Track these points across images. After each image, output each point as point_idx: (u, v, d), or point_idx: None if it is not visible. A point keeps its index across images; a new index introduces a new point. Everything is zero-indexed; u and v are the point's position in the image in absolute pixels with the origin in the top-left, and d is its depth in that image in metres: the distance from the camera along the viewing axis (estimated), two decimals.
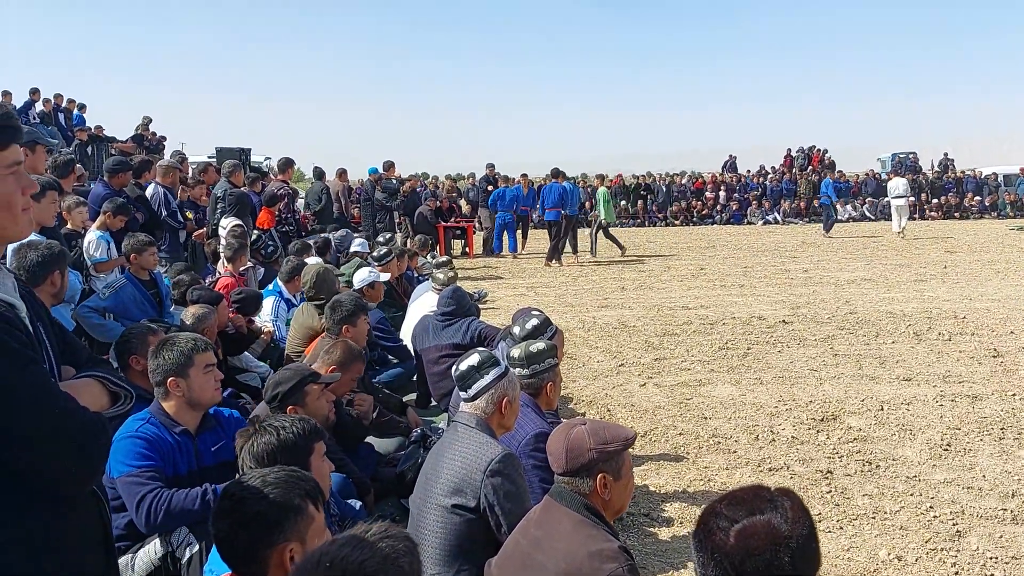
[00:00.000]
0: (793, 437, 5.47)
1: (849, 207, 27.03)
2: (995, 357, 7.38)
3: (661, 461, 5.15)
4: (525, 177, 18.53)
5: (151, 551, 2.85)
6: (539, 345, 3.70)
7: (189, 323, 4.73)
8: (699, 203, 27.49)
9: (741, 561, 1.62)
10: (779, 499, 1.70)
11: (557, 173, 16.24)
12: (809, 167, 29.24)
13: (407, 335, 6.38)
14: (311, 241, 8.88)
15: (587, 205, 25.02)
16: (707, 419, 5.91)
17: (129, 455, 2.85)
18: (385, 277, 6.92)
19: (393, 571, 1.57)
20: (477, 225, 19.06)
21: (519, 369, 3.57)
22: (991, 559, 3.78)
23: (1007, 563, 3.75)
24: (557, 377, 3.75)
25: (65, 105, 17.83)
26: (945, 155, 32.49)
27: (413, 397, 6.11)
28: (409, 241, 14.52)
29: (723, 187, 28.08)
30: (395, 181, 16.10)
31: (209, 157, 17.75)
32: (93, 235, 6.24)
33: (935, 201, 27.73)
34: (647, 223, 26.63)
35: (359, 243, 9.31)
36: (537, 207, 16.15)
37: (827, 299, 10.77)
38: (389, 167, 15.90)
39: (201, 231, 8.76)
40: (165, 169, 8.46)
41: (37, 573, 1.65)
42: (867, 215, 27.20)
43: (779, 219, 26.17)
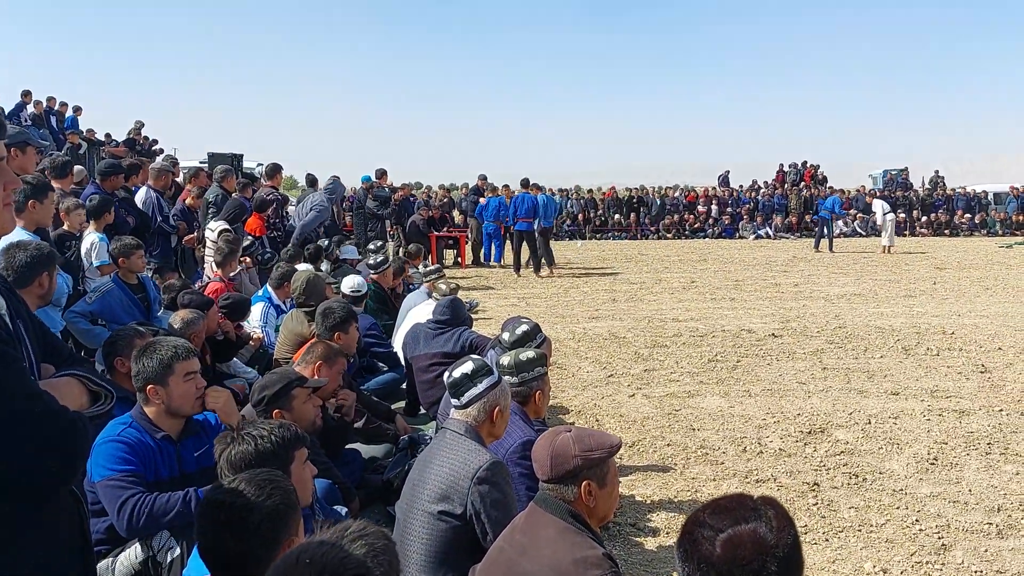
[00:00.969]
0: (780, 449, 5.47)
1: (840, 223, 27.14)
2: (982, 372, 7.41)
3: (649, 471, 5.14)
4: (507, 188, 18.50)
5: (132, 555, 2.82)
6: (528, 353, 3.70)
7: (177, 327, 4.71)
8: (691, 216, 27.59)
9: (728, 571, 1.62)
10: (763, 508, 1.70)
11: (527, 183, 16.19)
12: (801, 182, 29.40)
13: (400, 343, 6.38)
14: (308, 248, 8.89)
15: (580, 217, 25.07)
16: (695, 430, 5.91)
17: (110, 459, 2.83)
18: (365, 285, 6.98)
19: (372, 568, 1.57)
20: (469, 235, 19.08)
21: (508, 377, 3.57)
22: (976, 573, 3.78)
23: None
24: (546, 385, 3.76)
25: (57, 108, 17.76)
26: (936, 172, 32.72)
27: (402, 405, 6.11)
28: (401, 250, 14.53)
29: (715, 201, 28.20)
30: (387, 189, 16.09)
31: (201, 162, 17.71)
32: (94, 237, 6.21)
33: (925, 218, 27.89)
34: (640, 236, 26.71)
35: (348, 250, 9.30)
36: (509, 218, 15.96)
37: (817, 313, 10.80)
38: (381, 175, 15.90)
39: (192, 236, 8.74)
40: (157, 173, 8.41)
41: (10, 573, 1.63)
42: (858, 231, 27.34)
43: (770, 234, 26.27)
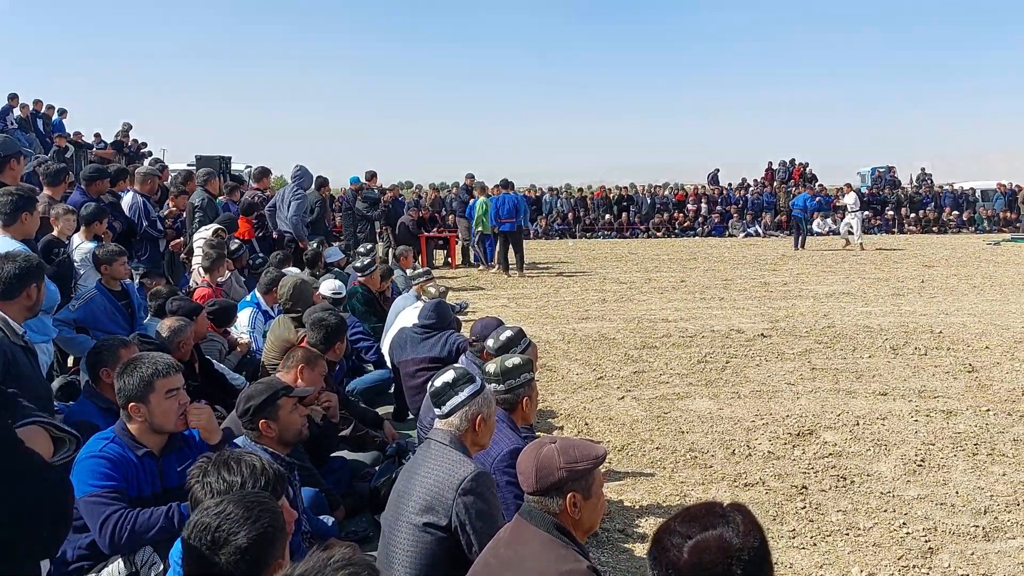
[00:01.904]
0: (769, 452, 5.48)
1: (829, 220, 27.24)
2: (970, 372, 7.44)
3: (638, 476, 5.14)
4: (497, 188, 18.49)
5: (115, 571, 2.80)
6: (515, 360, 3.67)
7: (165, 335, 4.68)
8: (681, 215, 27.65)
9: (695, 575, 1.65)
10: (731, 514, 1.76)
11: (507, 184, 16.27)
12: (790, 180, 29.50)
13: (387, 346, 6.36)
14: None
15: (569, 216, 25.01)
16: (684, 433, 5.91)
17: (92, 475, 2.81)
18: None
19: None
20: (459, 236, 19.03)
21: (495, 384, 3.55)
22: None
23: None
24: (533, 392, 3.73)
25: (44, 111, 17.64)
26: (923, 170, 32.87)
27: (390, 410, 6.09)
28: (391, 251, 14.48)
29: (705, 199, 28.26)
30: (376, 191, 16.05)
31: (189, 165, 17.62)
32: (88, 246, 6.17)
33: (913, 215, 28.02)
34: (629, 235, 26.75)
35: (332, 252, 9.25)
36: (491, 219, 15.91)
37: (805, 313, 10.83)
38: (371, 177, 15.86)
39: (179, 240, 8.69)
40: (143, 177, 8.33)
41: None
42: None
43: (760, 232, 26.34)
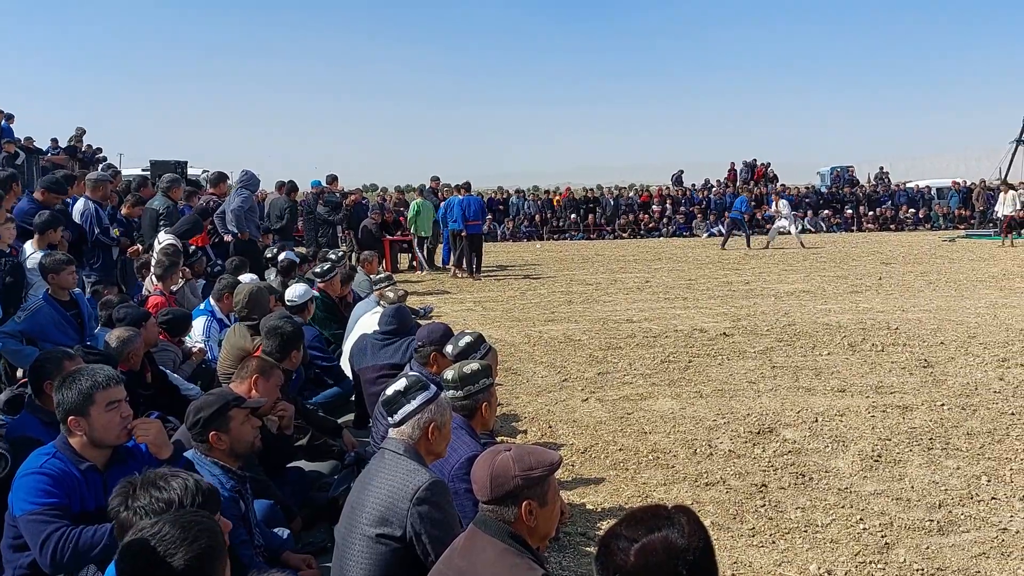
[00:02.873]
0: (730, 451, 5.51)
1: (783, 222, 27.56)
2: (925, 367, 7.55)
3: (600, 478, 5.14)
4: (459, 189, 18.52)
5: None
6: (473, 365, 3.65)
7: (113, 346, 4.58)
8: (646, 216, 27.84)
9: None
10: (676, 515, 1.78)
11: (469, 186, 16.45)
12: (752, 180, 29.85)
13: (348, 353, 6.29)
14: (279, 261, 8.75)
15: (536, 218, 25.03)
16: (647, 434, 5.92)
17: (32, 492, 2.72)
18: (313, 294, 6.90)
19: None
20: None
21: (453, 391, 3.52)
22: (918, 571, 3.83)
23: (932, 575, 3.82)
24: (492, 398, 3.70)
25: None
26: (881, 168, 33.52)
27: (351, 418, 6.02)
28: (355, 255, 14.39)
29: (669, 200, 28.50)
30: (338, 195, 15.92)
31: (144, 170, 17.35)
32: (39, 255, 6.02)
33: (871, 213, 28.49)
34: (596, 236, 26.88)
35: (287, 256, 9.14)
36: (455, 221, 15.93)
37: (767, 311, 10.94)
38: (332, 180, 15.75)
39: (136, 247, 8.51)
40: (95, 183, 8.13)
41: None
42: (808, 227, 27.78)
43: (723, 231, 26.55)
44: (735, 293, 12.86)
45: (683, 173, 32.86)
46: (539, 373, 7.85)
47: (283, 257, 8.97)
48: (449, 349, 4.32)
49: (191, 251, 8.23)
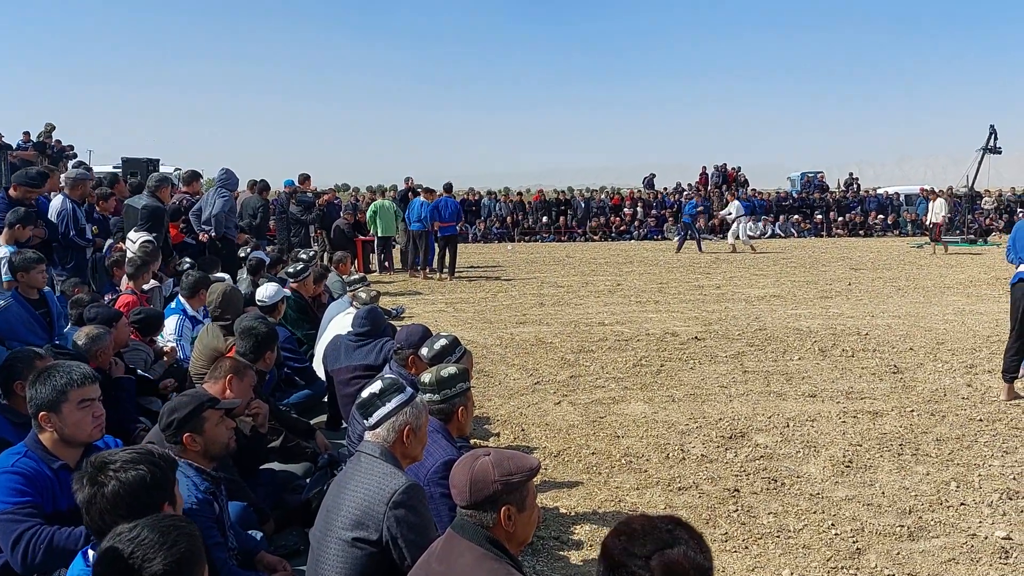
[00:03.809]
0: (703, 455, 5.54)
1: (761, 224, 27.90)
2: (895, 373, 7.66)
3: (573, 482, 5.14)
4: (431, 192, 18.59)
5: None
6: (450, 369, 3.62)
7: (82, 344, 4.50)
8: (617, 219, 27.98)
9: None
10: (676, 530, 1.76)
11: (449, 188, 16.71)
12: (724, 185, 30.12)
13: (321, 354, 6.24)
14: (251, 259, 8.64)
15: (508, 220, 24.96)
16: (620, 438, 5.94)
17: (4, 491, 2.68)
18: (285, 293, 6.84)
19: None
20: (397, 240, 18.87)
21: (430, 395, 3.50)
22: None
23: None
24: (469, 402, 3.68)
25: None
26: (850, 175, 34.03)
27: (323, 419, 5.97)
28: (327, 255, 14.26)
29: (641, 204, 28.67)
30: (310, 194, 15.80)
31: (115, 167, 17.08)
32: (5, 251, 5.90)
33: (841, 219, 28.87)
34: (567, 238, 26.98)
35: (255, 255, 9.04)
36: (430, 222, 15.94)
37: (738, 315, 11.03)
38: (304, 179, 15.62)
39: (121, 244, 8.34)
40: (73, 181, 7.95)
41: None
42: (777, 232, 28.12)
43: (709, 236, 26.75)
44: (706, 297, 12.95)
45: (655, 176, 33.14)
46: (511, 375, 7.85)
47: (252, 256, 8.87)
48: (424, 352, 4.29)
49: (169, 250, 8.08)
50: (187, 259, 8.58)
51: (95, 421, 2.90)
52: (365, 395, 2.99)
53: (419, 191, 16.79)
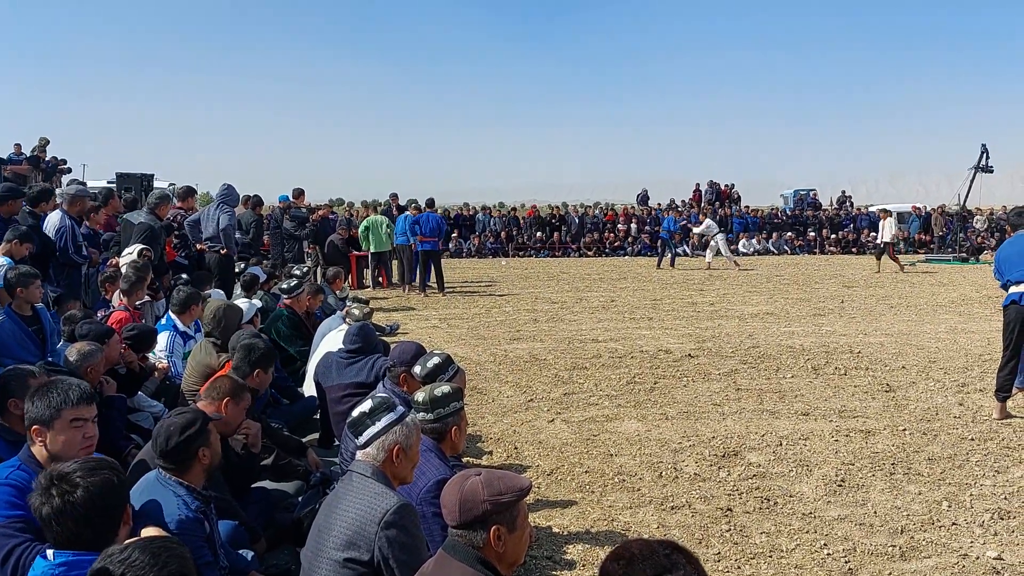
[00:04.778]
0: (696, 474, 5.54)
1: (754, 241, 28.02)
2: (887, 392, 7.67)
3: (566, 500, 5.13)
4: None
5: None
6: (444, 388, 3.62)
7: (74, 360, 4.48)
8: (611, 235, 28.07)
9: None
10: (674, 555, 1.75)
11: (432, 203, 16.83)
12: (717, 201, 30.26)
13: (313, 371, 6.23)
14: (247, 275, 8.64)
15: (502, 235, 24.98)
16: (613, 456, 5.93)
17: None
18: (257, 306, 6.86)
19: None
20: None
21: (423, 413, 3.49)
22: None
23: None
24: (462, 421, 3.67)
25: None
26: (843, 192, 34.25)
27: (316, 437, 5.95)
28: (320, 271, 14.26)
29: (634, 219, 28.78)
30: (305, 209, 15.81)
31: (109, 182, 17.08)
32: (1, 260, 5.89)
33: (833, 236, 29.02)
34: (561, 254, 27.03)
35: (250, 271, 9.03)
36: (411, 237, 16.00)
37: (731, 333, 11.05)
38: (299, 195, 15.63)
39: (116, 259, 8.33)
40: (72, 198, 7.92)
41: None
42: (771, 249, 28.23)
43: (688, 252, 26.84)
44: (700, 314, 12.98)
45: (648, 192, 33.25)
46: (505, 393, 7.83)
47: (247, 272, 8.87)
48: (417, 370, 4.29)
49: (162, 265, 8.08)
50: (183, 275, 8.58)
51: (85, 441, 2.90)
52: (356, 414, 3.00)
53: (405, 207, 16.99)
